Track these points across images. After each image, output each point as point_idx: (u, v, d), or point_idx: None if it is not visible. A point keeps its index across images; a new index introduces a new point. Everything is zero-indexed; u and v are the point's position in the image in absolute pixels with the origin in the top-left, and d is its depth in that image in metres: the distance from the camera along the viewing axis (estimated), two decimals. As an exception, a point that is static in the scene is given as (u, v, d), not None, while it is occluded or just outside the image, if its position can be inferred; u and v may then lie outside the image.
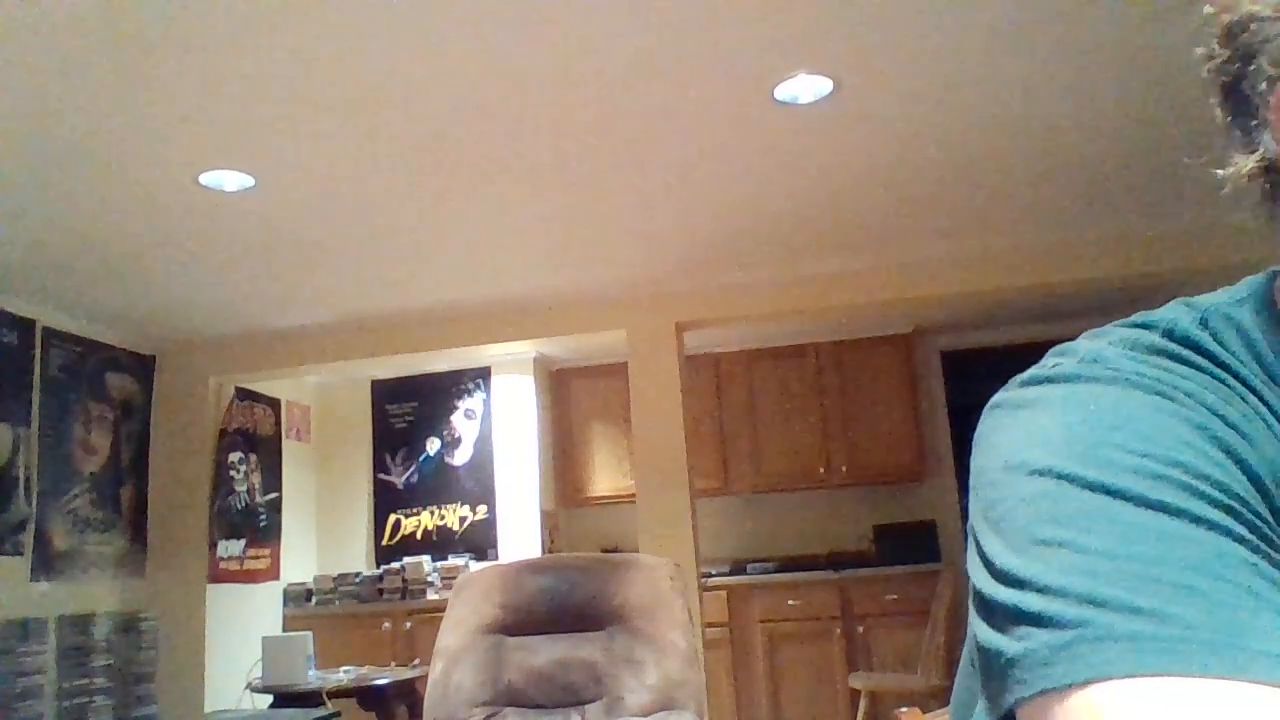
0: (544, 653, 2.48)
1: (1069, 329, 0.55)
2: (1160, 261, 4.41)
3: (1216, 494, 0.41)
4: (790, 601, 5.41)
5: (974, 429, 0.51)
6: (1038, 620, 0.39)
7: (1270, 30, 0.46)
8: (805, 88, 2.82)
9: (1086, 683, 0.37)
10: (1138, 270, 4.43)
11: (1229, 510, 0.41)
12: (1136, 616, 0.37)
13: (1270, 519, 0.42)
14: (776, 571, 5.56)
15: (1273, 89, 0.47)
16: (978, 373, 5.72)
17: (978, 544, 0.45)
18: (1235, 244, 4.27)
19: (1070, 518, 0.41)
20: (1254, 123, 0.49)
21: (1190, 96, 3.01)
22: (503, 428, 5.81)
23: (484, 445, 5.84)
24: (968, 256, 4.54)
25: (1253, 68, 0.48)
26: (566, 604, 2.53)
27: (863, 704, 4.83)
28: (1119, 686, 0.36)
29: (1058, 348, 0.51)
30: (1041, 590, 0.40)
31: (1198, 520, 0.40)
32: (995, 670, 0.41)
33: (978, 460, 0.48)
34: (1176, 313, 0.50)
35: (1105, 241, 4.42)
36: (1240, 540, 0.40)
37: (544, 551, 5.60)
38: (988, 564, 0.43)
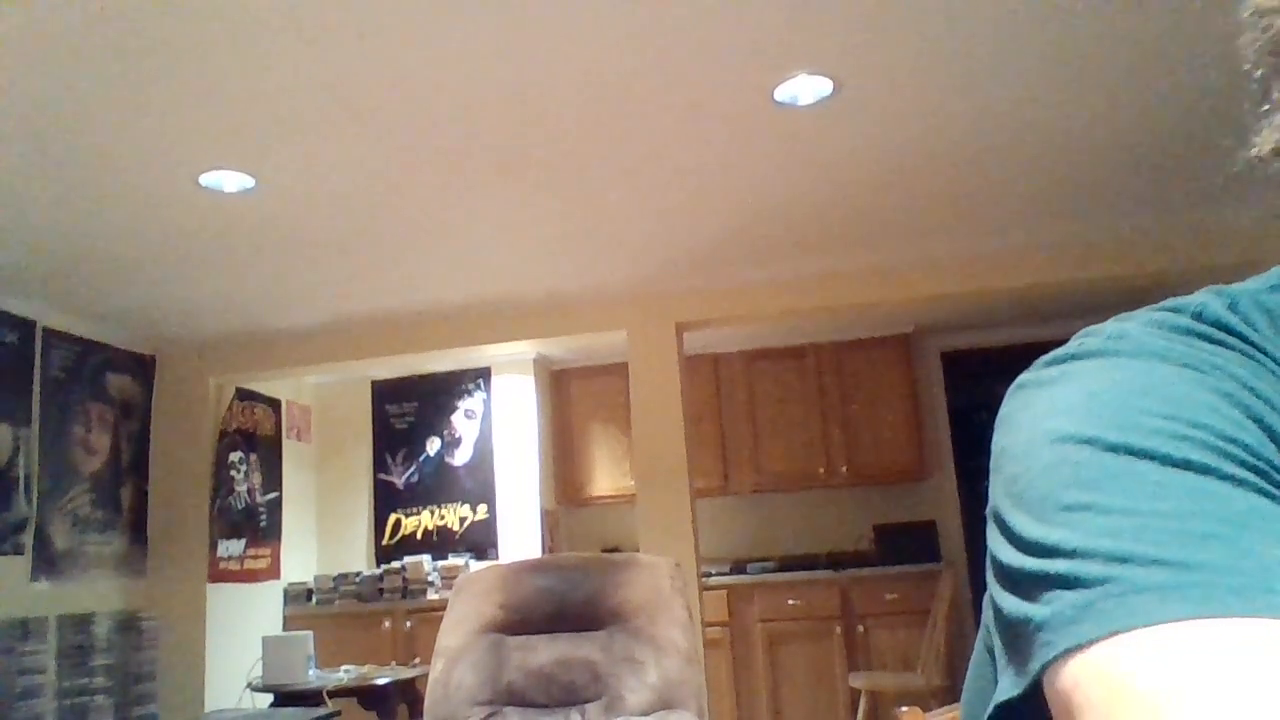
0: (544, 652, 2.48)
1: (1069, 329, 0.55)
2: (1160, 261, 4.41)
3: (1244, 455, 0.41)
4: (790, 601, 5.41)
5: (974, 429, 0.51)
6: (1064, 583, 0.39)
7: None
8: (805, 88, 2.82)
9: (1110, 635, 0.36)
10: (1138, 270, 4.44)
11: (1257, 471, 0.40)
12: (1161, 568, 0.37)
13: None
14: (776, 571, 5.56)
15: None
16: (978, 373, 5.73)
17: (1001, 521, 0.44)
18: (1235, 244, 4.27)
19: (1095, 481, 0.41)
20: None
21: (1190, 97, 3.02)
22: (503, 428, 5.82)
23: (484, 445, 5.84)
24: (968, 256, 4.54)
25: None
26: (566, 604, 2.53)
27: (863, 704, 4.84)
28: (1139, 635, 0.36)
29: (1083, 330, 0.51)
30: (1069, 554, 0.39)
31: (1226, 477, 0.40)
32: (1024, 638, 0.40)
33: (1000, 440, 0.48)
34: (1206, 297, 0.50)
35: (1105, 241, 4.43)
36: (1269, 497, 0.39)
37: (544, 551, 5.60)
38: (1013, 538, 0.43)
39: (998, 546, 0.45)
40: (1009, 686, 0.41)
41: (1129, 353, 0.47)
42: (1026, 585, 0.41)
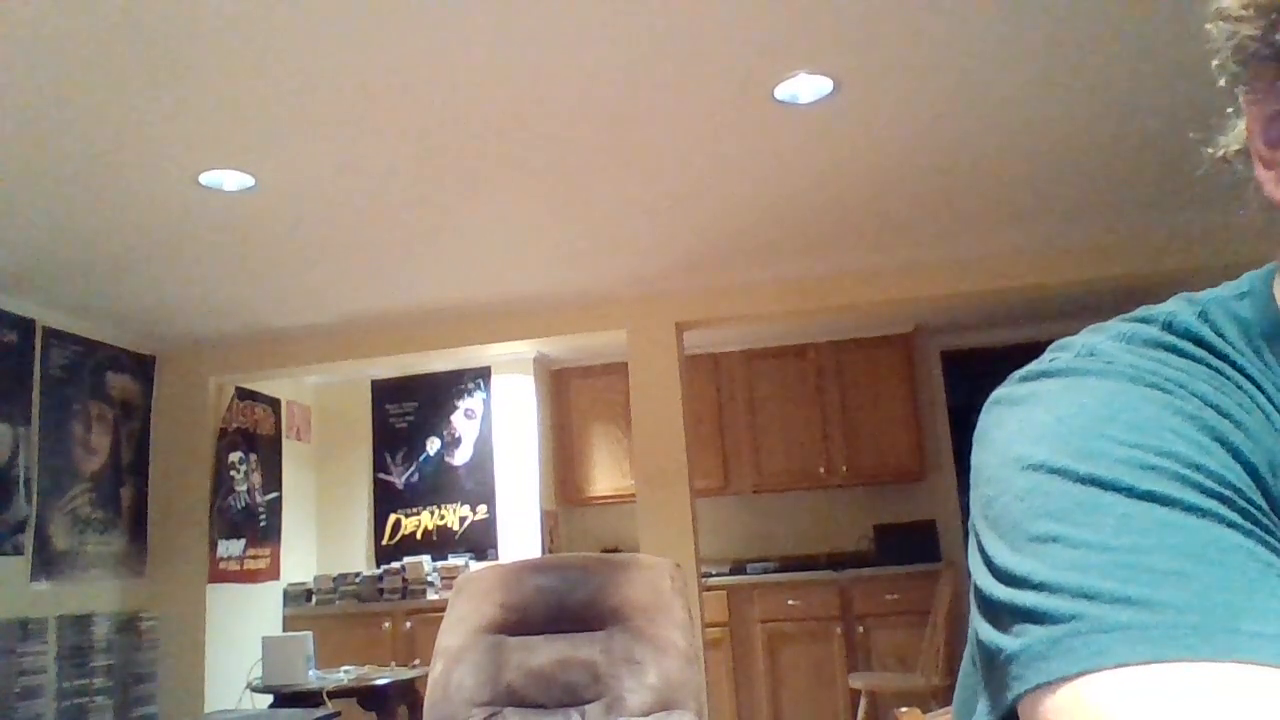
0: (544, 653, 2.48)
1: (1069, 329, 0.56)
2: (1160, 261, 4.41)
3: (1209, 483, 0.41)
4: (790, 601, 5.41)
5: (974, 429, 0.52)
6: (1033, 617, 0.40)
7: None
8: (805, 88, 2.82)
9: (1077, 675, 0.37)
10: (1138, 270, 4.44)
11: (1221, 499, 0.41)
12: (1126, 607, 0.38)
13: (1265, 507, 0.42)
14: (776, 571, 5.56)
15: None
16: (978, 373, 5.71)
17: (978, 541, 0.46)
18: (1235, 244, 4.27)
19: (1063, 512, 0.41)
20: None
21: (1190, 98, 3.02)
22: (503, 428, 5.81)
23: (484, 445, 5.84)
24: (968, 256, 4.54)
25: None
26: (566, 604, 2.53)
27: (863, 704, 4.84)
28: (1106, 677, 0.36)
29: (1057, 342, 0.52)
30: (1037, 587, 0.40)
31: (1189, 508, 0.40)
32: (996, 668, 0.41)
33: (977, 457, 0.49)
34: (1177, 306, 0.51)
35: (1105, 241, 4.43)
36: (1233, 526, 0.40)
37: (544, 551, 5.60)
38: (987, 562, 0.44)
39: (975, 567, 0.46)
40: (986, 711, 0.43)
41: (1098, 372, 0.47)
42: (999, 614, 0.42)
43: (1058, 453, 0.43)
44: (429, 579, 5.51)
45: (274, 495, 5.63)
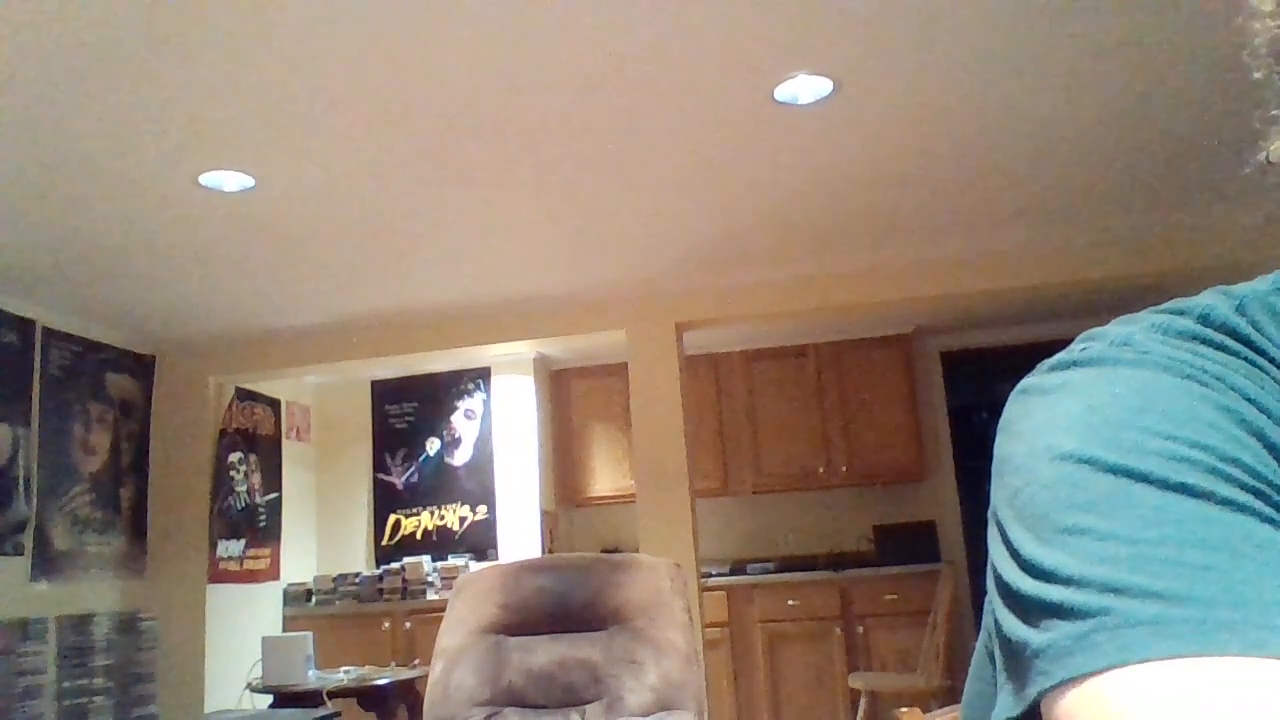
0: (544, 653, 2.48)
1: (1069, 329, 0.55)
2: (1160, 261, 4.41)
3: (1243, 476, 0.40)
4: (790, 601, 5.41)
5: (974, 429, 0.51)
6: (1060, 611, 0.39)
7: None
8: (805, 88, 2.82)
9: (1104, 670, 0.36)
10: (1138, 270, 4.44)
11: (1256, 493, 0.40)
12: (1155, 600, 0.37)
13: None
14: (776, 571, 5.56)
15: None
16: (978, 373, 5.73)
17: (1003, 533, 0.45)
18: (1236, 244, 4.27)
19: (1092, 503, 0.41)
20: None
21: (1190, 98, 3.02)
22: (503, 428, 5.81)
23: (484, 445, 5.84)
24: (968, 256, 4.54)
25: None
26: (566, 604, 2.53)
27: (863, 704, 4.83)
28: (1133, 671, 0.36)
29: (1086, 333, 0.51)
30: (1064, 581, 0.39)
31: (1222, 502, 0.39)
32: (1022, 662, 0.41)
33: (1003, 446, 0.47)
34: (1213, 299, 0.49)
35: (1105, 241, 4.43)
36: (1267, 520, 0.39)
37: (544, 551, 5.60)
38: (1014, 554, 0.43)
39: (999, 557, 0.45)
40: (1008, 706, 0.42)
41: (1131, 362, 0.46)
42: (1025, 607, 0.41)
43: (1088, 442, 0.42)
44: (429, 579, 5.51)
45: (274, 495, 5.63)
